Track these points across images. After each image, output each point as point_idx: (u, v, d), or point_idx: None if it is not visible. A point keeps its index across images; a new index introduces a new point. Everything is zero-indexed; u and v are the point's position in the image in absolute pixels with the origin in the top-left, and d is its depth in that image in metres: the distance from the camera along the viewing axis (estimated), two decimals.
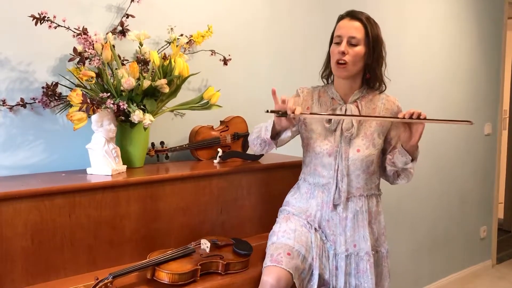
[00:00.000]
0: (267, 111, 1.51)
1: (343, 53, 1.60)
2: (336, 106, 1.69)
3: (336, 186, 1.65)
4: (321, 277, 1.60)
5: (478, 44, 3.64)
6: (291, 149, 1.97)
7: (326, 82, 1.78)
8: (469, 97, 3.61)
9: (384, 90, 1.74)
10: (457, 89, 3.49)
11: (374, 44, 1.63)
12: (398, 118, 1.56)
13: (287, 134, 1.65)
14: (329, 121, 1.67)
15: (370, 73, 1.68)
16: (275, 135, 1.65)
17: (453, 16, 3.39)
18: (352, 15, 1.64)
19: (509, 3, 3.84)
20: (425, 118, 1.53)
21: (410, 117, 1.53)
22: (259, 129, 1.69)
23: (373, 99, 1.72)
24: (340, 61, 1.61)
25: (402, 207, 3.14)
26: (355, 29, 1.61)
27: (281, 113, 1.50)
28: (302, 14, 2.46)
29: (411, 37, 3.09)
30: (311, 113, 1.66)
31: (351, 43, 1.61)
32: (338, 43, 1.63)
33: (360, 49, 1.61)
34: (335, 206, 1.66)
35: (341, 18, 1.68)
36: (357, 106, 1.69)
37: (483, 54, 3.69)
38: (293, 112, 1.48)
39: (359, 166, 1.65)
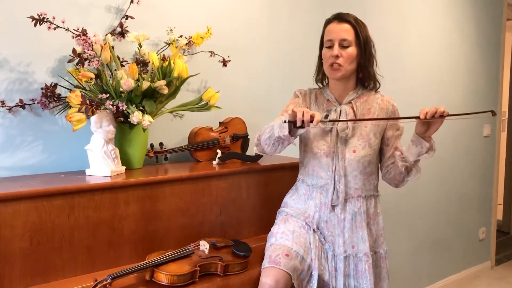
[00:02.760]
0: (285, 122, 1.49)
1: (337, 57, 1.61)
2: (331, 107, 1.70)
3: (334, 187, 1.65)
4: (320, 278, 1.60)
5: (477, 45, 3.64)
6: (289, 150, 1.97)
7: (321, 86, 1.79)
8: (468, 98, 3.61)
9: (379, 88, 1.74)
10: (456, 91, 3.50)
11: (365, 44, 1.64)
12: (418, 118, 1.52)
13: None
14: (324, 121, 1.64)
15: (363, 73, 1.69)
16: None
17: (453, 17, 3.40)
18: (340, 17, 1.65)
19: (508, 4, 3.85)
20: (448, 115, 1.50)
21: (432, 116, 1.50)
22: (271, 128, 1.60)
23: (368, 100, 1.72)
24: (334, 65, 1.62)
25: (401, 208, 3.14)
26: (345, 31, 1.62)
27: (299, 126, 1.47)
28: (301, 15, 2.46)
29: (411, 38, 3.10)
30: (329, 120, 1.64)
31: (343, 46, 1.62)
32: (330, 47, 1.63)
33: (353, 50, 1.62)
34: (333, 207, 1.66)
35: (328, 22, 1.68)
36: (352, 107, 1.69)
37: (482, 56, 3.70)
38: (311, 121, 1.45)
39: (356, 167, 1.65)
